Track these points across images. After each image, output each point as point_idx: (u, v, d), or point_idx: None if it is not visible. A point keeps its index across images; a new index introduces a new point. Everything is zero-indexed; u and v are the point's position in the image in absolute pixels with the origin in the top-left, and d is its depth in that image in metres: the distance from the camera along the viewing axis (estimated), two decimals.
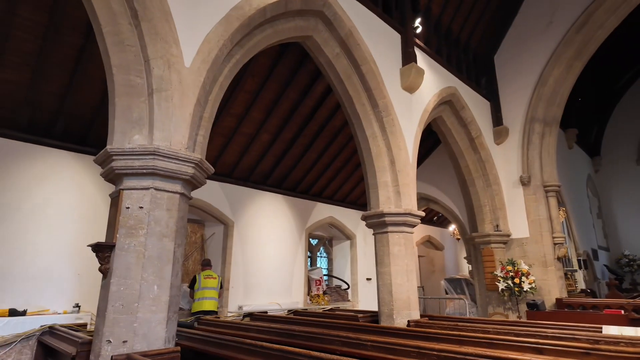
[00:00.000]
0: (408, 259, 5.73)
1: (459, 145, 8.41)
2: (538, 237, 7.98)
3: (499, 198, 8.45)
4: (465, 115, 8.14)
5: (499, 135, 8.82)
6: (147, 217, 3.11)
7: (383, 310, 5.59)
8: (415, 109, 6.59)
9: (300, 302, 8.48)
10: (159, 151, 3.14)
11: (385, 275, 5.68)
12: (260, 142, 7.56)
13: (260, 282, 7.83)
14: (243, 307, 7.27)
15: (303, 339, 3.96)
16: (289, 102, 7.19)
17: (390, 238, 5.76)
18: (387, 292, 5.60)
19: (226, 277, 7.28)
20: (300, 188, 9.12)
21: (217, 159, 7.35)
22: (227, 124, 6.92)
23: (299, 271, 8.70)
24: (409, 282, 5.63)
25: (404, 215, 5.74)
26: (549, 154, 8.37)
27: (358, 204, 10.67)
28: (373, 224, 5.95)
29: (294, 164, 8.44)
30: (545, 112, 8.42)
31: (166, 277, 3.12)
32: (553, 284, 7.70)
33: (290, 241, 8.68)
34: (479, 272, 8.62)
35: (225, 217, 7.54)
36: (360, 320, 5.72)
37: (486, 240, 8.29)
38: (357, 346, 3.45)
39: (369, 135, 6.01)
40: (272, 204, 8.47)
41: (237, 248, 7.59)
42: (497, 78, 9.34)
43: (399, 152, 5.99)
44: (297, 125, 7.70)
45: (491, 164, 8.47)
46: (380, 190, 5.93)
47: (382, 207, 5.83)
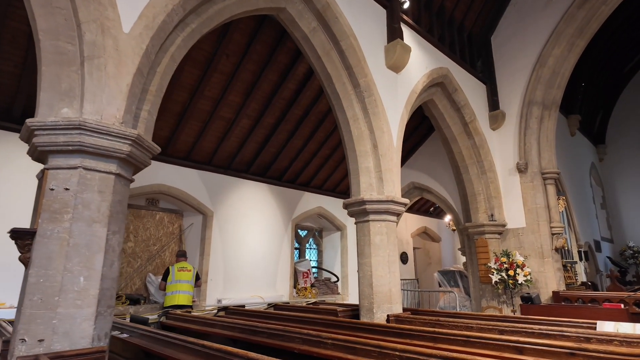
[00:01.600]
0: (390, 249, 5.35)
1: (451, 130, 7.96)
2: (535, 227, 7.55)
3: (494, 186, 8.01)
4: (459, 99, 7.68)
5: (495, 120, 8.35)
6: (73, 199, 2.75)
7: (363, 304, 5.23)
8: (402, 89, 6.15)
9: (286, 296, 8.15)
10: (85, 125, 2.76)
11: (365, 266, 5.31)
12: (240, 127, 7.17)
13: (241, 274, 7.49)
14: (222, 300, 6.95)
15: (265, 336, 3.61)
16: (268, 84, 6.78)
17: (372, 227, 5.38)
18: (367, 284, 5.24)
19: (204, 269, 6.95)
20: (287, 177, 8.73)
21: (193, 145, 6.98)
22: (203, 107, 6.53)
23: (285, 263, 8.35)
24: (391, 274, 5.25)
25: (386, 202, 5.34)
26: (547, 139, 7.90)
27: (348, 194, 10.22)
28: (354, 212, 5.57)
29: (278, 151, 8.05)
30: (544, 95, 7.92)
31: (96, 267, 2.77)
32: (550, 276, 7.29)
33: (275, 232, 8.32)
34: (472, 264, 8.22)
35: (204, 206, 7.18)
36: (339, 315, 5.38)
37: (480, 231, 7.88)
38: (316, 344, 3.10)
39: (349, 117, 5.59)
40: (255, 193, 8.10)
41: (217, 239, 7.25)
42: (494, 60, 8.84)
43: (382, 135, 5.57)
44: (279, 110, 7.29)
45: (486, 150, 8.02)
46: (362, 176, 5.54)
47: (363, 194, 5.44)
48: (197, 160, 7.21)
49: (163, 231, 7.05)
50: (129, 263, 6.51)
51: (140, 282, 6.60)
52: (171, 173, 6.84)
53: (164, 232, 7.07)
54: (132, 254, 6.57)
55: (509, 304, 7.39)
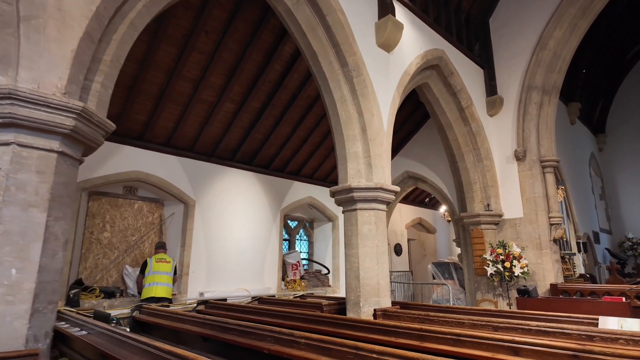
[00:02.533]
0: (379, 239, 5.02)
1: (447, 116, 7.59)
2: (533, 217, 7.23)
3: (491, 175, 7.67)
4: (454, 82, 7.30)
5: (493, 105, 7.98)
6: (5, 180, 2.39)
7: (350, 297, 4.92)
8: (394, 70, 5.77)
9: (273, 288, 7.84)
10: (17, 94, 2.39)
11: (352, 257, 4.98)
12: (223, 112, 6.78)
13: (226, 266, 7.17)
14: (204, 293, 6.63)
15: (236, 334, 3.28)
16: (252, 65, 6.38)
17: (360, 216, 5.04)
18: (354, 276, 4.91)
19: (185, 261, 6.62)
20: (275, 165, 8.36)
21: (173, 130, 6.59)
22: (182, 89, 6.13)
23: (273, 255, 8.03)
24: (379, 266, 4.93)
25: (374, 190, 5.00)
26: (547, 126, 7.54)
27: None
28: (341, 200, 5.23)
29: (265, 138, 7.67)
30: (544, 79, 7.55)
31: (32, 258, 2.42)
32: (548, 268, 6.99)
33: (262, 222, 7.98)
34: (467, 256, 7.92)
35: (185, 195, 6.82)
36: (324, 309, 5.07)
37: (476, 221, 7.56)
38: (289, 344, 2.77)
39: (337, 98, 5.22)
40: (241, 182, 7.74)
41: (199, 229, 6.90)
42: (492, 43, 8.44)
43: (372, 118, 5.21)
44: (264, 94, 6.89)
45: (483, 137, 7.67)
46: (350, 162, 5.18)
47: (350, 181, 5.10)
48: (178, 146, 6.83)
49: (142, 221, 6.70)
50: (105, 254, 6.16)
51: (118, 274, 6.27)
52: (150, 160, 6.47)
53: (143, 221, 6.71)
54: (109, 245, 6.22)
55: (505, 297, 7.11)
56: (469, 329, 3.59)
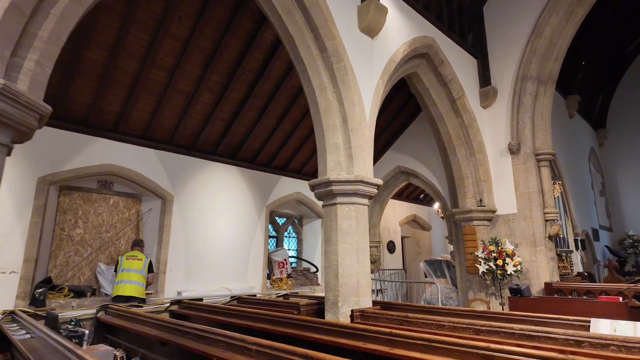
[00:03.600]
0: (360, 235, 4.73)
1: (438, 107, 7.28)
2: (527, 213, 6.92)
3: (484, 169, 7.36)
4: (445, 72, 6.98)
5: (486, 96, 7.66)
6: None
7: (328, 297, 4.63)
8: (378, 57, 5.46)
9: (258, 287, 7.56)
10: None
11: (331, 255, 4.69)
12: (202, 102, 6.48)
13: (207, 264, 6.88)
14: (182, 292, 6.35)
15: (191, 338, 3.00)
16: (231, 53, 6.07)
17: (339, 210, 4.74)
18: (332, 275, 4.63)
19: (162, 258, 6.34)
20: (260, 159, 8.07)
21: (149, 122, 6.30)
22: (156, 78, 5.83)
23: (257, 252, 7.74)
24: (359, 263, 4.64)
25: (354, 183, 4.70)
26: (542, 118, 7.22)
27: None
28: (321, 194, 4.93)
29: (248, 131, 7.36)
30: (539, 69, 7.22)
31: None
32: (542, 266, 6.69)
33: (246, 219, 7.69)
34: (459, 253, 7.62)
35: (163, 190, 6.54)
36: (301, 310, 4.79)
37: (468, 217, 7.25)
38: (240, 350, 2.49)
39: (315, 86, 4.91)
40: (224, 177, 7.45)
41: (177, 226, 6.62)
42: (486, 32, 8.10)
43: (353, 107, 4.90)
44: (245, 84, 6.59)
45: (475, 130, 7.35)
46: (329, 154, 4.88)
47: (329, 173, 4.80)
48: (155, 139, 6.54)
49: (118, 217, 6.42)
50: (77, 252, 5.89)
51: (91, 272, 6.00)
52: (125, 153, 6.18)
53: (119, 217, 6.43)
54: (81, 242, 5.95)
55: (497, 296, 6.81)
56: (448, 332, 3.32)
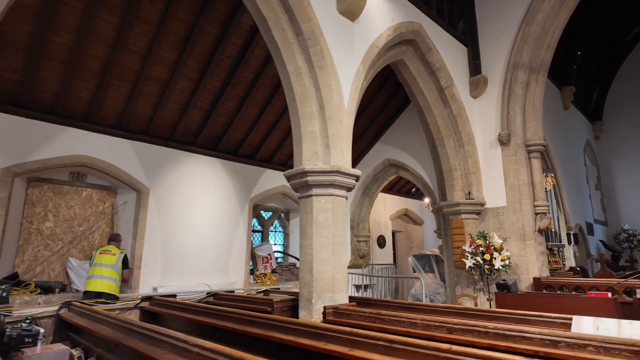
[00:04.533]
0: (337, 228, 4.50)
1: (425, 97, 7.03)
2: (516, 206, 6.70)
3: (473, 160, 7.12)
4: (433, 60, 6.71)
5: (476, 86, 7.40)
6: None
7: (302, 293, 4.41)
8: (359, 41, 5.19)
9: (240, 283, 7.34)
10: None
11: (306, 249, 4.47)
12: (178, 90, 6.22)
13: (185, 259, 6.65)
14: (158, 288, 6.14)
15: (140, 338, 2.78)
16: (207, 38, 5.80)
17: (315, 203, 4.51)
18: (307, 270, 4.40)
19: (137, 253, 6.11)
20: (243, 151, 7.81)
21: (123, 111, 6.04)
22: (128, 64, 5.56)
23: (240, 247, 7.52)
24: (336, 258, 4.42)
25: (331, 173, 4.46)
26: (533, 107, 6.97)
27: None
28: (296, 185, 4.70)
29: (229, 121, 7.11)
30: (531, 57, 6.96)
31: None
32: (532, 261, 6.48)
33: (228, 212, 7.45)
34: (448, 248, 7.40)
35: (138, 182, 6.29)
36: (275, 307, 4.58)
37: (456, 210, 7.03)
38: (182, 352, 2.27)
39: (290, 71, 4.66)
40: (204, 169, 7.20)
41: (154, 219, 6.38)
42: (477, 19, 7.83)
43: (330, 93, 4.65)
44: (224, 71, 6.32)
45: (464, 120, 7.10)
46: (305, 143, 4.64)
47: (305, 163, 4.56)
48: (130, 129, 6.28)
49: (91, 210, 6.18)
50: (47, 246, 5.66)
51: (61, 267, 5.77)
52: (97, 143, 5.93)
53: (93, 211, 6.19)
54: (51, 236, 5.71)
55: (485, 291, 6.61)
56: (421, 331, 3.10)
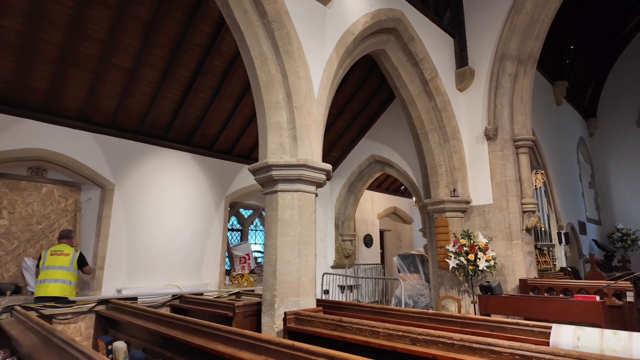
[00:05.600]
0: (304, 227, 4.16)
1: (408, 89, 6.70)
2: (503, 204, 6.38)
3: (458, 156, 6.80)
4: (416, 50, 6.38)
5: (462, 78, 7.07)
6: None
7: (265, 296, 4.09)
8: (332, 27, 4.85)
9: (213, 284, 7.00)
10: None
11: (270, 249, 4.14)
12: (145, 81, 5.86)
13: (154, 260, 6.31)
14: (123, 290, 5.79)
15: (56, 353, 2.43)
16: (173, 24, 5.45)
17: (280, 199, 4.18)
18: (271, 272, 4.07)
19: (100, 253, 5.76)
20: (219, 146, 7.46)
21: (86, 101, 5.68)
22: (87, 51, 5.20)
23: (214, 247, 7.17)
24: (302, 259, 4.08)
25: (297, 167, 4.12)
26: (521, 100, 6.65)
27: None
28: (261, 180, 4.36)
29: (202, 114, 6.75)
30: (519, 47, 6.63)
31: None
32: (519, 261, 6.16)
33: (202, 210, 7.10)
34: (432, 247, 7.08)
35: (102, 178, 5.94)
36: (236, 311, 4.25)
37: (440, 208, 6.71)
38: None
39: (255, 56, 4.31)
40: (175, 164, 6.84)
41: (119, 217, 6.03)
42: (464, 9, 7.49)
43: (298, 81, 4.31)
44: (193, 60, 5.97)
45: (449, 114, 6.77)
46: (270, 135, 4.30)
47: (270, 157, 4.22)
48: (94, 121, 5.93)
49: (52, 207, 5.83)
50: (1, 245, 5.30)
51: (17, 268, 5.42)
52: (57, 136, 5.58)
53: (53, 208, 5.84)
54: (6, 234, 5.36)
55: (470, 293, 6.29)
56: (382, 341, 2.78)
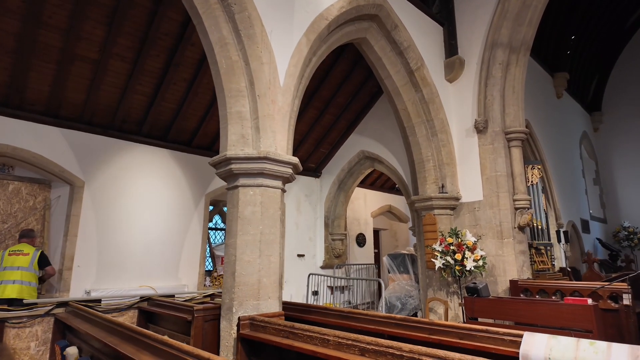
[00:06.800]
0: (266, 224, 3.86)
1: (393, 80, 6.36)
2: (493, 200, 6.01)
3: (447, 150, 6.44)
4: (400, 39, 6.04)
5: (452, 68, 6.71)
6: None
7: (224, 300, 3.80)
8: (301, 10, 4.54)
9: (192, 285, 6.73)
10: None
11: (230, 248, 3.85)
12: (113, 72, 5.60)
13: (126, 260, 6.05)
14: (92, 292, 5.54)
15: None
16: (138, 12, 5.18)
17: (242, 195, 3.88)
18: (230, 273, 3.78)
19: (68, 253, 5.52)
20: (198, 142, 7.19)
21: (51, 94, 5.43)
22: (48, 41, 4.95)
23: (193, 246, 6.90)
24: (263, 259, 3.78)
25: (258, 160, 3.82)
26: (513, 91, 6.27)
27: None
28: (222, 175, 4.07)
29: (178, 107, 6.48)
30: (511, 34, 6.25)
31: None
32: (510, 261, 5.79)
33: (180, 208, 6.83)
34: (421, 246, 6.73)
35: (70, 174, 5.69)
36: (196, 315, 3.96)
37: (428, 205, 6.36)
38: None
39: (214, 41, 4.02)
40: (150, 161, 6.58)
41: (89, 215, 5.78)
42: None
43: (261, 67, 4.01)
44: (164, 50, 5.69)
45: (437, 106, 6.42)
46: (231, 125, 4.00)
47: (229, 149, 3.92)
48: (61, 115, 5.69)
49: (19, 205, 5.60)
50: None
51: None
52: (21, 131, 5.35)
53: (21, 206, 5.61)
54: None
55: (459, 295, 5.93)
56: (331, 350, 2.47)
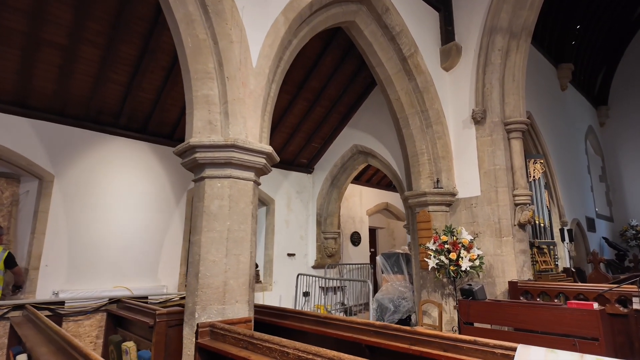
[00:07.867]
0: (234, 220, 3.49)
1: (385, 68, 5.97)
2: (492, 195, 5.60)
3: (443, 143, 6.03)
4: (392, 23, 5.65)
5: (448, 55, 6.30)
6: None
7: (187, 303, 3.43)
8: None
9: (173, 286, 6.37)
10: None
11: (194, 247, 3.49)
12: (84, 59, 5.26)
13: (99, 259, 5.70)
14: (60, 293, 5.20)
15: None
16: None
17: (207, 187, 3.52)
18: (193, 274, 3.42)
19: (34, 251, 5.18)
20: (180, 134, 6.82)
21: (19, 83, 5.09)
22: (12, 24, 4.60)
23: (174, 246, 6.54)
24: (230, 259, 3.41)
25: (225, 149, 3.46)
26: (514, 79, 5.85)
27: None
28: (188, 165, 3.72)
29: (156, 98, 6.12)
30: (511, 18, 5.84)
31: None
32: (509, 261, 5.38)
33: (159, 205, 6.47)
34: (415, 245, 6.34)
35: (39, 168, 5.36)
36: (158, 320, 3.61)
37: (422, 201, 5.95)
38: None
39: (179, 18, 3.66)
40: (128, 154, 6.22)
41: (58, 212, 5.44)
42: None
43: (230, 46, 3.64)
44: (138, 35, 5.33)
45: (432, 95, 6.01)
46: (197, 110, 3.64)
47: (195, 136, 3.55)
48: (29, 105, 5.35)
49: None
50: None
51: None
52: None
53: None
54: None
55: (455, 297, 5.53)
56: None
